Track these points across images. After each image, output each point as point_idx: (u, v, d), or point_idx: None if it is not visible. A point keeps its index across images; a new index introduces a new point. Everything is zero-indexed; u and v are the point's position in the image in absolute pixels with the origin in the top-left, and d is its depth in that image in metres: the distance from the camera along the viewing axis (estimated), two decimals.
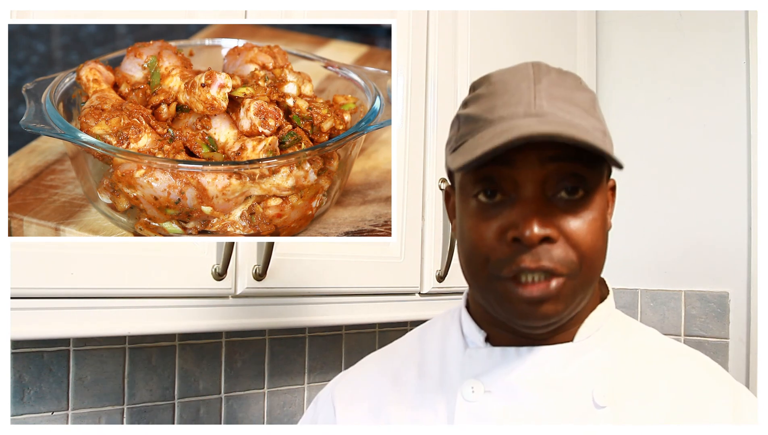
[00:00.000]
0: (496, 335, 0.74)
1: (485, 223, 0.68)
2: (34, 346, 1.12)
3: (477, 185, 0.68)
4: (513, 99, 0.67)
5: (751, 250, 1.55)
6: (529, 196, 0.66)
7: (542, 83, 0.68)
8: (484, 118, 0.67)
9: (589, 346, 0.72)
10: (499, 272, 0.67)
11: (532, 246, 0.65)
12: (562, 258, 0.65)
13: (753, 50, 1.55)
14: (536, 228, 0.64)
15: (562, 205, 0.67)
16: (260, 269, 1.01)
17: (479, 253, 0.68)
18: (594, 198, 0.68)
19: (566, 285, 0.66)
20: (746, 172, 1.56)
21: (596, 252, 0.68)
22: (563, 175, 0.66)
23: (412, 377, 0.78)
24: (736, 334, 1.55)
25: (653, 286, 1.67)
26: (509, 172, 0.66)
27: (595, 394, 0.69)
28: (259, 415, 1.40)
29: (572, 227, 0.66)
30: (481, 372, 0.72)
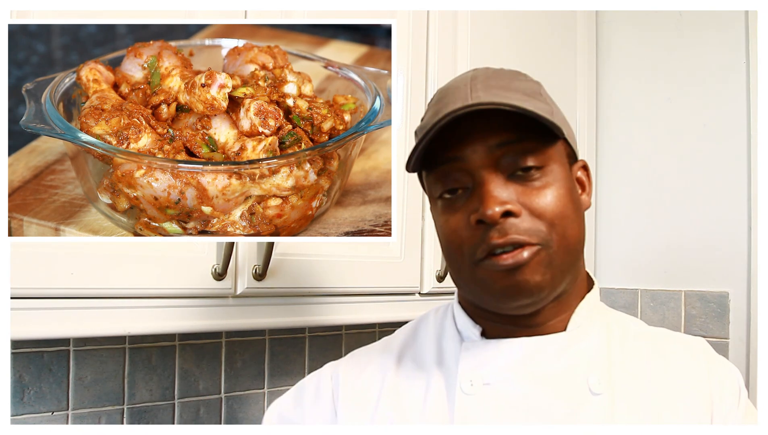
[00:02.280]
0: (490, 329, 0.76)
1: (453, 216, 0.72)
2: (34, 346, 1.12)
3: (438, 186, 0.73)
4: (453, 98, 0.71)
5: (751, 250, 1.55)
6: (485, 180, 0.69)
7: (478, 79, 0.72)
8: (430, 123, 0.71)
9: (582, 335, 0.74)
10: (475, 256, 0.69)
11: (496, 223, 0.68)
12: (528, 229, 0.68)
13: (753, 50, 1.55)
14: (495, 205, 0.68)
15: (520, 181, 0.70)
16: (260, 269, 1.01)
17: (454, 245, 0.71)
18: (551, 170, 0.71)
19: (540, 254, 0.68)
20: (746, 172, 1.56)
21: (565, 219, 0.70)
22: (514, 156, 0.69)
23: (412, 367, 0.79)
24: (736, 334, 1.55)
25: (653, 286, 1.67)
26: (462, 166, 0.70)
27: (590, 382, 0.71)
28: (259, 415, 1.40)
29: (533, 199, 0.69)
30: (478, 365, 0.74)
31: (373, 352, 0.85)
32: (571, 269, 0.73)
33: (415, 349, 0.82)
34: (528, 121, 0.69)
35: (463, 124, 0.70)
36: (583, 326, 0.75)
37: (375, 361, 0.83)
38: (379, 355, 0.83)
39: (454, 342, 0.78)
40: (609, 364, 0.73)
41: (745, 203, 1.56)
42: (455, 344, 0.78)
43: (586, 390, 0.71)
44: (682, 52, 1.67)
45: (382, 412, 0.77)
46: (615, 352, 0.75)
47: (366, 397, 0.79)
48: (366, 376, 0.81)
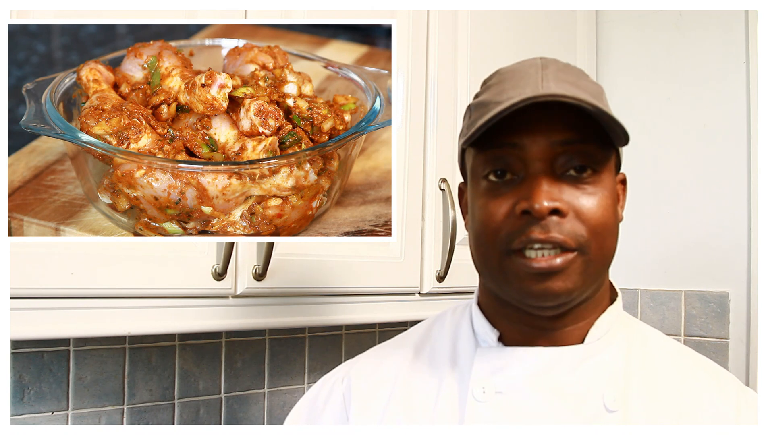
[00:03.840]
0: (508, 331, 0.74)
1: (495, 201, 0.69)
2: (34, 346, 1.12)
3: (487, 166, 0.70)
4: (521, 82, 0.69)
5: (751, 250, 1.55)
6: (538, 173, 0.68)
7: (549, 69, 0.70)
8: (494, 100, 0.69)
9: (600, 348, 0.73)
10: (509, 245, 0.68)
11: (542, 218, 0.66)
12: (571, 231, 0.67)
13: (753, 50, 1.55)
14: (545, 200, 0.66)
15: (572, 181, 0.68)
16: (260, 269, 1.01)
17: (490, 230, 0.69)
18: (603, 178, 0.69)
19: (575, 261, 0.67)
20: (746, 172, 1.56)
21: (606, 229, 0.69)
22: (572, 155, 0.68)
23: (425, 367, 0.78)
24: (736, 334, 1.55)
25: (653, 286, 1.67)
26: (518, 153, 0.68)
27: (606, 398, 0.70)
28: (259, 415, 1.40)
29: (582, 203, 0.68)
30: (492, 372, 0.72)
31: (388, 348, 0.84)
32: (600, 278, 0.71)
33: (430, 347, 0.80)
34: (592, 124, 0.68)
35: (528, 113, 0.68)
36: (602, 339, 0.73)
37: (390, 357, 0.82)
38: (394, 351, 0.82)
39: (469, 345, 0.77)
40: (626, 380, 0.72)
41: (745, 203, 1.56)
42: (470, 347, 0.76)
43: (601, 406, 0.70)
44: (682, 52, 1.67)
45: (392, 410, 0.76)
46: (633, 369, 0.73)
47: (378, 393, 0.78)
48: (380, 373, 0.80)
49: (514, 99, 0.66)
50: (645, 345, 0.76)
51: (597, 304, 0.74)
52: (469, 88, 1.35)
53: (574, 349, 0.72)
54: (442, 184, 1.28)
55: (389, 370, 0.80)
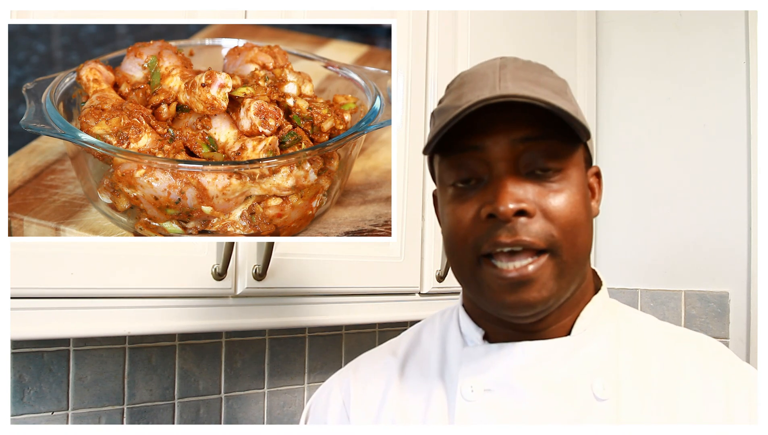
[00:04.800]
0: (493, 332, 0.74)
1: (462, 206, 0.69)
2: (34, 346, 1.12)
3: (452, 172, 0.70)
4: (479, 84, 0.68)
5: (751, 250, 1.55)
6: (502, 174, 0.67)
7: (507, 68, 0.69)
8: (453, 105, 0.68)
9: (587, 339, 0.72)
10: (479, 251, 0.67)
11: (508, 220, 0.65)
12: (539, 231, 0.66)
13: (753, 50, 1.55)
14: (510, 202, 0.65)
15: (537, 180, 0.67)
16: (260, 269, 1.01)
17: (458, 237, 0.69)
18: (569, 175, 0.68)
19: (547, 266, 0.66)
20: (746, 172, 1.56)
21: (577, 226, 0.68)
22: (535, 154, 0.67)
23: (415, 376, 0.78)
24: (736, 334, 1.55)
25: (653, 286, 1.67)
26: (480, 156, 0.68)
27: (594, 388, 0.69)
28: (259, 415, 1.40)
29: (549, 202, 0.67)
30: (479, 370, 0.72)
31: (378, 360, 0.83)
32: (578, 276, 0.70)
33: (419, 355, 0.80)
34: (553, 120, 0.67)
35: (488, 114, 0.67)
36: (588, 330, 0.72)
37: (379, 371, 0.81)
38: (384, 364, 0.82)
39: (457, 346, 0.77)
40: (616, 368, 0.71)
41: (745, 203, 1.56)
42: (458, 348, 0.76)
43: (591, 396, 0.69)
44: (682, 52, 1.67)
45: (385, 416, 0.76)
46: (624, 356, 0.73)
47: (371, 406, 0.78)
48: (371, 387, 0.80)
49: (470, 102, 0.65)
50: (636, 331, 0.75)
51: (581, 298, 0.73)
52: None
53: (561, 342, 0.71)
54: None
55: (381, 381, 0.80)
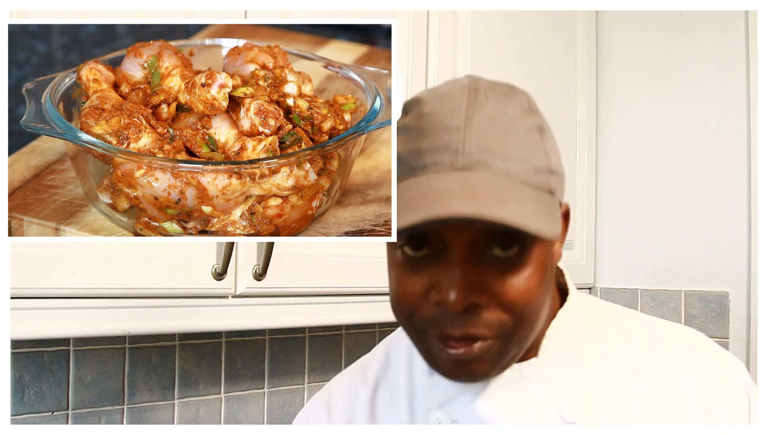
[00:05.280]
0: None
1: (410, 278, 0.63)
2: (34, 346, 1.12)
3: (401, 237, 0.63)
4: (439, 142, 0.60)
5: (751, 250, 1.55)
6: (457, 257, 0.60)
7: (474, 121, 0.60)
8: (408, 164, 0.62)
9: (555, 357, 0.69)
10: (425, 328, 0.63)
11: (457, 313, 0.60)
12: (491, 322, 0.61)
13: (753, 50, 1.55)
14: (462, 294, 0.59)
15: (495, 263, 0.61)
16: (260, 269, 1.01)
17: (403, 309, 0.64)
18: (532, 251, 0.61)
19: (493, 346, 0.62)
20: (746, 172, 1.56)
21: (532, 312, 0.62)
22: (494, 236, 0.60)
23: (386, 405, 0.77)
24: (736, 334, 1.55)
25: (653, 286, 1.67)
26: (437, 232, 0.61)
27: (562, 410, 0.67)
28: (259, 415, 1.40)
29: (505, 289, 0.60)
30: (445, 401, 0.70)
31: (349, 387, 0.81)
32: (527, 341, 0.65)
33: (390, 380, 0.78)
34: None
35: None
36: (556, 349, 0.69)
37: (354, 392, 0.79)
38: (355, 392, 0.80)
39: (423, 373, 0.74)
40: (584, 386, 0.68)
41: (745, 203, 1.56)
42: (425, 376, 0.74)
43: (558, 419, 0.67)
44: (682, 52, 1.67)
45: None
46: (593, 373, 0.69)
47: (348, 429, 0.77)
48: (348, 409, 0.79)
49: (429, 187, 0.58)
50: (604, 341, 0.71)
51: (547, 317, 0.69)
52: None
53: (528, 365, 0.68)
54: None
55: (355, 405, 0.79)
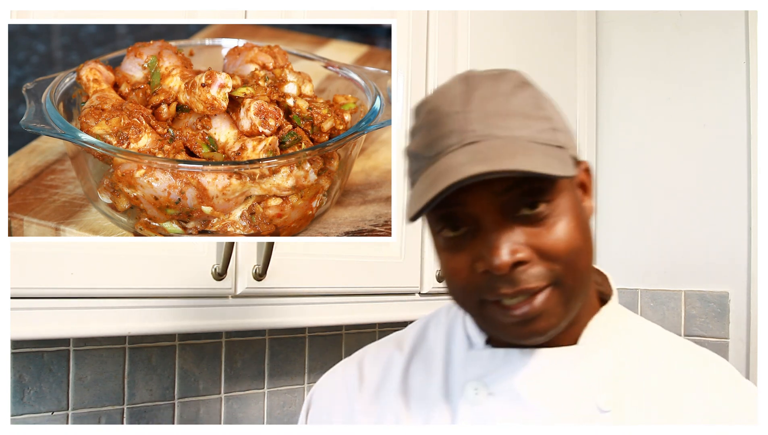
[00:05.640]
0: (496, 338, 0.74)
1: (455, 258, 0.67)
2: (34, 346, 1.12)
3: (439, 223, 0.67)
4: (446, 128, 0.65)
5: (751, 250, 1.55)
6: (490, 225, 0.64)
7: (473, 102, 0.65)
8: (423, 155, 0.66)
9: (593, 349, 0.72)
10: (481, 297, 0.66)
11: (505, 275, 0.63)
12: (540, 274, 0.64)
13: (753, 50, 1.55)
14: (504, 256, 0.62)
15: (527, 222, 0.64)
16: (260, 269, 1.01)
17: (458, 287, 0.68)
18: (558, 204, 0.65)
19: (553, 296, 0.65)
20: (746, 172, 1.56)
21: (576, 253, 0.66)
22: (519, 197, 0.64)
23: (420, 373, 0.78)
24: (736, 334, 1.55)
25: (653, 286, 1.67)
26: (464, 210, 0.65)
27: (598, 399, 0.69)
28: (259, 415, 1.40)
29: (543, 242, 0.64)
30: (484, 374, 0.72)
31: (383, 353, 0.82)
32: (584, 293, 0.69)
33: (425, 352, 0.80)
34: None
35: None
36: (596, 340, 0.72)
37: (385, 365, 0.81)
38: (389, 358, 0.81)
39: (462, 347, 0.76)
40: (620, 380, 0.71)
41: (745, 203, 1.56)
42: (463, 349, 0.76)
43: (594, 407, 0.69)
44: (682, 51, 1.67)
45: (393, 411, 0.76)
46: (629, 369, 0.72)
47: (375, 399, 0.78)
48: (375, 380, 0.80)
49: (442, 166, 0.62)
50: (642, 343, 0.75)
51: (586, 308, 0.72)
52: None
53: (568, 350, 0.71)
54: None
55: (390, 371, 0.80)
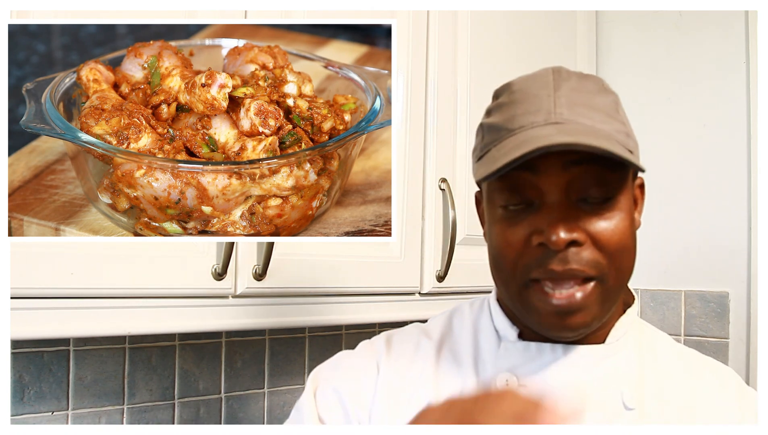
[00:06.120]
0: (528, 331, 0.75)
1: (511, 229, 0.68)
2: (34, 346, 1.12)
3: (503, 194, 0.69)
4: (533, 107, 0.68)
5: (751, 250, 1.55)
6: (554, 201, 0.67)
7: (562, 89, 0.68)
8: (506, 127, 0.68)
9: (618, 348, 0.74)
10: (528, 275, 0.67)
11: (559, 250, 0.65)
12: (589, 260, 0.66)
13: (753, 50, 1.55)
14: (562, 232, 0.65)
15: (588, 208, 0.67)
16: (260, 269, 1.01)
17: (507, 260, 0.69)
18: (619, 199, 0.68)
19: (594, 292, 0.67)
20: (746, 172, 1.56)
21: (624, 252, 0.69)
22: (587, 179, 0.67)
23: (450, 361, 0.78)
24: (736, 334, 1.55)
25: (653, 286, 1.67)
26: (532, 179, 0.67)
27: (624, 396, 0.71)
28: (259, 415, 1.40)
29: (599, 229, 0.67)
30: (515, 365, 0.73)
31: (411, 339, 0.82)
32: (619, 297, 0.71)
33: (452, 341, 0.80)
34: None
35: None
36: (621, 340, 0.74)
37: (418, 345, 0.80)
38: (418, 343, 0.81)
39: (491, 340, 0.77)
40: (643, 379, 0.73)
41: (745, 203, 1.56)
42: (492, 342, 0.77)
43: (620, 404, 0.71)
44: (682, 51, 1.67)
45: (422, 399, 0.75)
46: (647, 369, 0.74)
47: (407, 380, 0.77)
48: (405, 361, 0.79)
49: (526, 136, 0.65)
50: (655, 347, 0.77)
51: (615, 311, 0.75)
52: (469, 88, 1.35)
53: (595, 348, 0.73)
54: (442, 184, 1.28)
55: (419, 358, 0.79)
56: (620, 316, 0.75)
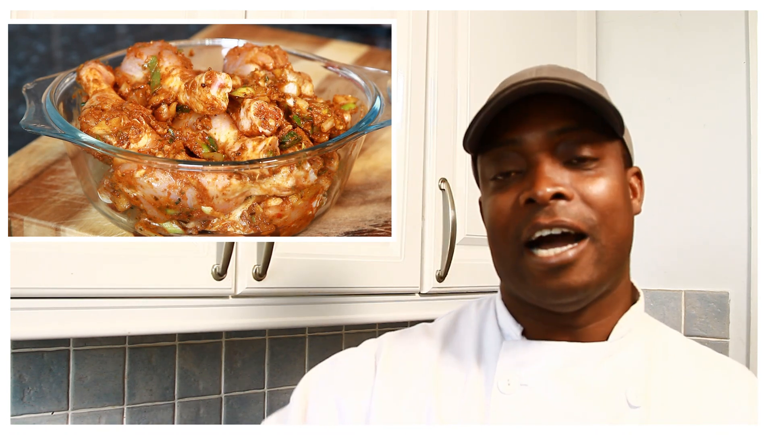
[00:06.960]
0: (532, 328, 0.75)
1: (502, 196, 0.71)
2: (34, 346, 1.12)
3: (492, 167, 0.72)
4: (518, 77, 0.71)
5: (751, 250, 1.55)
6: (539, 161, 0.69)
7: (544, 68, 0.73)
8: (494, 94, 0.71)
9: (623, 346, 0.74)
10: (520, 238, 0.69)
11: (546, 204, 0.67)
12: (578, 213, 0.67)
13: (753, 50, 1.55)
14: (547, 186, 0.67)
15: (575, 167, 0.69)
16: (260, 269, 1.01)
17: (499, 225, 0.71)
18: (606, 162, 0.70)
19: (587, 251, 0.68)
20: (746, 172, 1.56)
21: (615, 211, 0.69)
22: (572, 143, 0.69)
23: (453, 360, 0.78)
24: (736, 334, 1.55)
25: (653, 286, 1.67)
26: (518, 149, 0.70)
27: (628, 394, 0.71)
28: (259, 415, 1.40)
29: (587, 185, 0.69)
30: (517, 365, 0.73)
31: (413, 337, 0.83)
32: (618, 268, 0.72)
33: (456, 340, 0.80)
34: (589, 114, 0.69)
35: (524, 107, 0.70)
36: (625, 338, 0.74)
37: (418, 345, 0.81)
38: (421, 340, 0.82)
39: (494, 339, 0.77)
40: (648, 378, 0.73)
41: (745, 203, 1.56)
42: (495, 341, 0.77)
43: (624, 402, 0.70)
44: (682, 51, 1.67)
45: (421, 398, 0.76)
46: (655, 367, 0.74)
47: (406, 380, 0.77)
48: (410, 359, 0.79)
49: (504, 87, 0.69)
50: (665, 344, 0.77)
51: (618, 301, 0.75)
52: (469, 88, 1.35)
53: (599, 346, 0.73)
54: (442, 184, 1.28)
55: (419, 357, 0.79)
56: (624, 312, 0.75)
